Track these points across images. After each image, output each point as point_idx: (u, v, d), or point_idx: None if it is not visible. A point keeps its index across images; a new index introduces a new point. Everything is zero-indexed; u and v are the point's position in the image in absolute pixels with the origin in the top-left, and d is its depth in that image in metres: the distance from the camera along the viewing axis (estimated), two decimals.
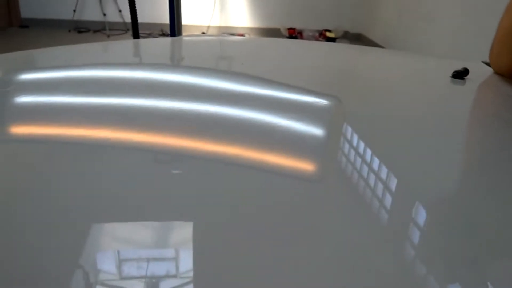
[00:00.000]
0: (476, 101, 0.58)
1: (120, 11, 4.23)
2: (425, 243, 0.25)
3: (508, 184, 0.33)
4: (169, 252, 0.23)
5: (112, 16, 4.29)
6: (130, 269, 0.21)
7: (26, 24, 4.19)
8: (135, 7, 1.94)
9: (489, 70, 0.68)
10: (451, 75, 0.61)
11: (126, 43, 0.86)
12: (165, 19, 2.46)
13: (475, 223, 0.27)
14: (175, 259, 0.23)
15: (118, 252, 0.23)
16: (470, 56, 0.78)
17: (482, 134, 0.44)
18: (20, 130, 0.37)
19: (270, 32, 4.44)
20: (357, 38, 4.51)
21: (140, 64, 0.62)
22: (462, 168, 0.36)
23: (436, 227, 0.27)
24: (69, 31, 4.19)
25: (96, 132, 0.36)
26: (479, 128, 0.46)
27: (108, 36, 4.11)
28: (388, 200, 0.29)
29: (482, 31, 2.04)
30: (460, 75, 0.61)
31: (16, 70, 0.54)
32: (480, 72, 0.67)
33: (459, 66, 0.63)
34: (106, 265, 0.22)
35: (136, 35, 1.99)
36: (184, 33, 3.80)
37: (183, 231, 0.25)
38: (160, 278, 0.21)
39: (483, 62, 0.74)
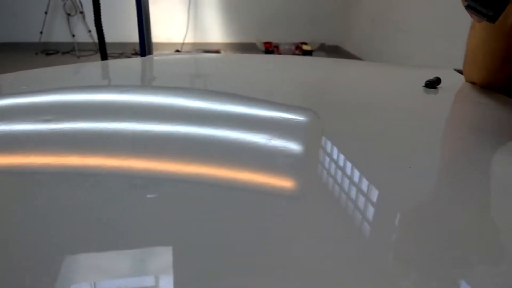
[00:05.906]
0: (448, 110, 0.58)
1: (89, 31, 4.16)
2: (407, 255, 0.25)
3: (482, 191, 0.34)
4: (150, 280, 0.23)
5: (82, 37, 4.20)
6: None
7: None
8: (102, 27, 1.89)
9: (461, 78, 0.69)
10: (423, 84, 0.61)
11: (90, 66, 0.81)
12: (137, 38, 2.42)
13: (453, 230, 0.27)
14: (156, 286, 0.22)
15: (95, 283, 0.22)
16: (445, 63, 0.79)
17: (455, 143, 0.44)
18: None
19: (246, 47, 4.44)
20: (334, 50, 4.56)
21: (102, 87, 0.59)
22: (437, 177, 0.37)
23: (417, 239, 0.27)
24: (37, 54, 4.08)
25: (66, 159, 0.35)
26: (452, 137, 0.46)
27: (78, 57, 4.03)
28: (369, 212, 0.29)
29: (452, 38, 2.09)
30: (433, 84, 0.61)
31: None
32: (452, 81, 0.67)
33: (431, 75, 0.63)
34: None
35: (104, 56, 1.93)
36: (158, 52, 3.76)
37: (162, 255, 0.25)
38: None
39: (455, 69, 0.74)
